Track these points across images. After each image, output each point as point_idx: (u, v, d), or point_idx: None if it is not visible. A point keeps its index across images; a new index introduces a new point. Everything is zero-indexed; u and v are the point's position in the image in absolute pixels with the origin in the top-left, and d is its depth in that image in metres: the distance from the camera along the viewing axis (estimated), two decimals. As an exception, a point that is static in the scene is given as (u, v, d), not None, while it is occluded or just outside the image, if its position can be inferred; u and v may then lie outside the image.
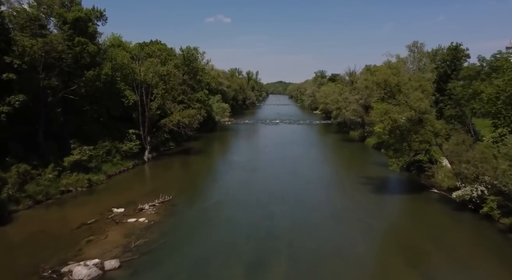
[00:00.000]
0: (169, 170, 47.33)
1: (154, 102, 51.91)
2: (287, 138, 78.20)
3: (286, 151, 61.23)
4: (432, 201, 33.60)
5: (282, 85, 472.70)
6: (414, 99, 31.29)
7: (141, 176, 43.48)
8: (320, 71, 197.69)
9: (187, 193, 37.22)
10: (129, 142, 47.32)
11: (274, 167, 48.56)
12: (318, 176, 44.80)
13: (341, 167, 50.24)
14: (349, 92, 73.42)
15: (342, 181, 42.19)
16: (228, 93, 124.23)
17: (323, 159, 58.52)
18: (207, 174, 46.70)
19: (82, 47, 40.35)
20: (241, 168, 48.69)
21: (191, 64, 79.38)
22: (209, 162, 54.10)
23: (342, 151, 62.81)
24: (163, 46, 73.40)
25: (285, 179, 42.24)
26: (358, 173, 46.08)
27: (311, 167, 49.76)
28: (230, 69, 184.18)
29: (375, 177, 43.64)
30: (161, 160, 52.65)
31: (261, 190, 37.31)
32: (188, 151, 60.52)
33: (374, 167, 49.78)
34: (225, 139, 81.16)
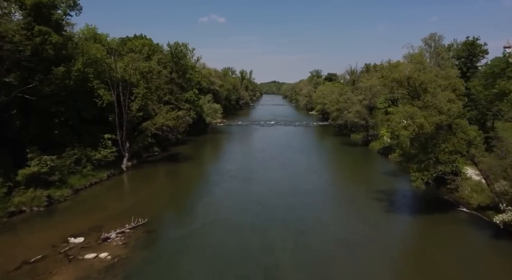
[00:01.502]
0: (150, 182, 41.04)
1: (134, 103, 45.57)
2: (283, 142, 72.23)
3: (283, 157, 55.26)
4: (463, 223, 27.82)
5: (276, 85, 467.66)
6: (443, 100, 25.48)
7: (116, 190, 37.14)
8: (315, 70, 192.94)
9: (167, 214, 31.03)
10: (104, 149, 40.93)
11: (271, 177, 42.53)
12: (321, 189, 38.87)
13: (346, 177, 44.44)
14: (351, 92, 67.68)
15: (350, 196, 36.31)
16: (220, 93, 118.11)
17: (325, 166, 52.65)
18: (194, 187, 40.49)
19: (44, 38, 33.96)
20: (234, 178, 42.59)
21: (179, 62, 73.12)
22: (198, 171, 47.88)
23: (345, 157, 57.07)
24: (148, 41, 67.02)
25: (285, 193, 36.22)
26: (367, 185, 40.28)
27: (313, 178, 43.82)
28: (223, 68, 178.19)
29: (387, 190, 37.86)
30: (142, 168, 46.31)
31: (257, 209, 31.23)
32: (175, 158, 54.23)
33: (383, 177, 44.04)
34: (216, 142, 74.93)
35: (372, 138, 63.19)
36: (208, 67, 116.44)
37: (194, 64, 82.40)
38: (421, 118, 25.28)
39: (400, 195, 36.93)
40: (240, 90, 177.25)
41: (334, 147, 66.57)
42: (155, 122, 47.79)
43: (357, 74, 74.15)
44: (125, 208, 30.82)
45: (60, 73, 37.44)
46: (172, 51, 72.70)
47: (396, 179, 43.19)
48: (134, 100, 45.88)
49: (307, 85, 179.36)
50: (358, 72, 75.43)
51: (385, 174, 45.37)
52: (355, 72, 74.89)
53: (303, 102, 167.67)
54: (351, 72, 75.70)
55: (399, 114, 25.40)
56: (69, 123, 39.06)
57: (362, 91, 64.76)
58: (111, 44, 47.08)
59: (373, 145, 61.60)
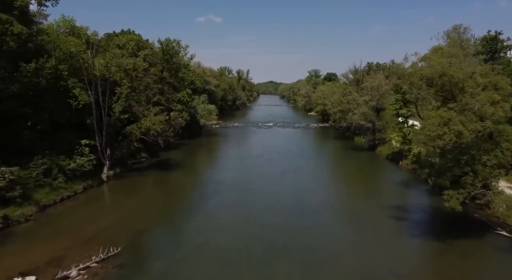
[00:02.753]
0: (134, 194, 35.88)
1: (117, 104, 40.41)
2: (283, 145, 67.22)
3: (284, 164, 50.27)
4: (506, 252, 22.97)
5: (273, 85, 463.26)
6: (485, 102, 20.59)
7: (91, 206, 31.94)
8: (314, 70, 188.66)
9: (148, 238, 25.89)
10: (80, 157, 35.76)
11: (271, 189, 37.53)
12: (329, 204, 33.91)
13: (355, 188, 39.52)
14: (356, 92, 62.82)
15: (363, 213, 31.35)
16: (216, 93, 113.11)
17: (330, 175, 47.67)
18: (184, 200, 35.36)
19: (4, 27, 28.79)
20: (229, 189, 37.58)
21: (171, 59, 67.82)
22: (190, 180, 42.74)
23: (351, 163, 52.17)
24: (137, 37, 61.81)
25: (287, 209, 31.24)
26: (380, 198, 35.44)
27: (318, 189, 38.86)
28: (219, 68, 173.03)
29: (405, 205, 33.05)
30: (126, 178, 41.14)
31: (256, 231, 26.18)
32: (165, 164, 49.08)
33: (397, 188, 39.21)
34: (211, 146, 69.80)
35: (380, 142, 58.39)
36: (203, 66, 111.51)
37: (187, 62, 77.14)
38: (459, 125, 20.35)
39: (420, 211, 32.03)
40: (236, 90, 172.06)
41: (338, 152, 61.64)
42: (140, 125, 42.67)
43: (362, 73, 69.23)
44: (98, 230, 25.70)
45: (31, 70, 32.36)
46: (163, 48, 67.41)
47: (412, 190, 38.37)
48: (117, 101, 40.76)
49: (305, 85, 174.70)
50: (362, 71, 70.45)
51: (398, 185, 40.53)
52: (359, 71, 70.04)
53: (302, 102, 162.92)
54: (355, 71, 70.84)
55: (433, 120, 20.48)
56: (37, 127, 33.86)
57: (368, 91, 59.95)
58: (91, 37, 41.81)
59: (380, 150, 56.78)
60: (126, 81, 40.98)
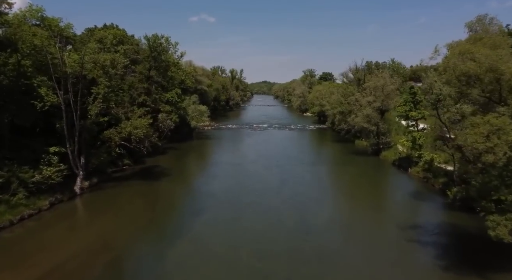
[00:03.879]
0: (109, 211, 30.93)
1: (93, 106, 35.48)
2: (280, 150, 62.69)
3: (281, 171, 45.68)
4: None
5: (267, 85, 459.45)
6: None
7: (55, 227, 26.91)
8: (309, 70, 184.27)
9: (118, 274, 21.06)
10: (47, 168, 30.76)
11: (268, 203, 32.88)
12: (337, 223, 29.34)
13: (363, 201, 35.00)
14: (358, 92, 58.48)
15: (377, 235, 26.80)
16: (209, 93, 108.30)
17: (334, 185, 43.09)
18: (168, 219, 30.40)
19: None
20: (220, 204, 32.84)
21: (159, 57, 62.76)
22: (176, 193, 37.85)
23: (355, 170, 47.67)
24: (121, 31, 56.70)
25: (288, 231, 26.60)
26: (393, 215, 31.04)
27: (321, 203, 34.33)
28: (212, 67, 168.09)
29: (424, 224, 28.69)
30: (104, 190, 36.18)
31: (251, 262, 21.50)
32: (150, 173, 44.17)
33: (411, 202, 34.84)
34: (202, 151, 64.91)
35: (384, 147, 54.09)
36: (195, 64, 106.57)
37: (177, 60, 72.18)
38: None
39: (445, 233, 27.44)
40: (230, 90, 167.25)
41: (339, 157, 57.18)
42: (120, 130, 37.75)
43: (364, 72, 64.89)
44: (57, 262, 20.82)
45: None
46: (150, 44, 62.34)
47: (428, 204, 33.97)
48: (93, 102, 35.83)
49: (300, 85, 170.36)
50: (364, 70, 66.14)
51: (411, 196, 36.17)
52: (360, 70, 65.72)
53: (297, 103, 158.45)
54: (355, 70, 66.54)
55: (480, 129, 15.99)
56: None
57: (371, 91, 55.64)
58: (65, 30, 36.73)
59: (385, 155, 52.46)
60: (103, 80, 36.03)
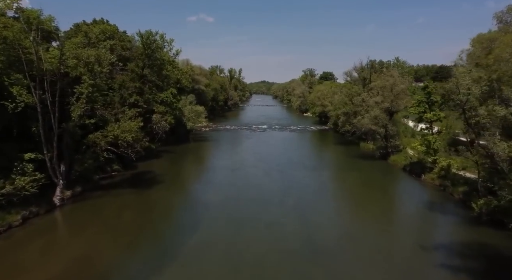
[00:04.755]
0: (92, 226, 27.27)
1: (76, 107, 31.91)
2: (281, 153, 59.19)
3: (284, 177, 42.19)
4: None
5: (266, 85, 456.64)
6: None
7: (28, 247, 23.31)
8: (309, 69, 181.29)
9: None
10: (21, 177, 27.17)
11: (270, 216, 29.33)
12: (348, 241, 25.79)
13: (376, 214, 31.38)
14: (364, 92, 55.02)
15: (398, 258, 23.30)
16: (206, 93, 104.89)
17: (342, 194, 39.32)
18: (158, 235, 26.65)
19: None
20: (217, 217, 29.34)
21: (153, 55, 59.20)
22: (168, 203, 34.16)
23: (363, 176, 44.08)
24: (112, 27, 53.08)
25: (293, 253, 23.09)
26: (411, 230, 27.59)
27: (330, 215, 30.84)
28: (210, 67, 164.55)
29: (450, 243, 25.23)
30: (88, 200, 32.59)
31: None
32: (141, 179, 40.61)
33: (429, 214, 31.39)
34: (199, 154, 61.32)
35: (393, 150, 50.63)
36: (192, 63, 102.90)
37: (172, 58, 68.63)
38: None
39: (475, 255, 23.86)
40: (228, 90, 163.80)
41: (345, 161, 53.63)
42: (106, 133, 34.18)
43: (370, 71, 61.36)
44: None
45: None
46: (143, 41, 58.74)
47: (450, 217, 30.46)
48: (76, 102, 32.26)
49: (300, 84, 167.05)
50: (370, 69, 62.61)
51: (429, 208, 32.72)
52: (366, 69, 62.21)
53: (297, 103, 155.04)
54: (361, 69, 63.04)
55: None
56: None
57: (378, 91, 52.22)
58: (45, 23, 33.09)
59: (394, 160, 48.99)
60: (87, 78, 32.42)
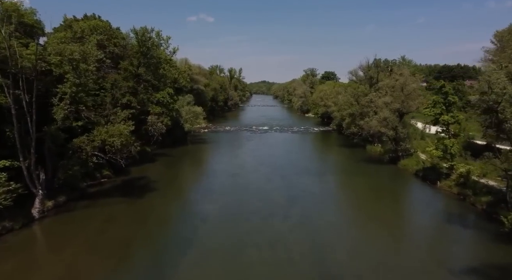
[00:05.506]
0: (72, 244, 24.04)
1: (58, 108, 28.80)
2: (283, 156, 56.03)
3: (287, 184, 39.03)
4: None
5: (266, 85, 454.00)
6: None
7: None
8: (310, 69, 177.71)
9: None
10: (-8, 188, 24.06)
11: (273, 233, 26.16)
12: (364, 264, 22.60)
13: (394, 228, 28.17)
14: (371, 92, 51.84)
15: None
16: (206, 93, 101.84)
17: (352, 204, 35.80)
18: (145, 258, 23.39)
19: None
20: (214, 234, 26.17)
21: (149, 53, 56.07)
22: (160, 216, 30.81)
23: (373, 183, 40.82)
24: (104, 23, 49.91)
25: (302, 278, 19.94)
26: (438, 250, 24.40)
27: (341, 231, 27.66)
28: (210, 66, 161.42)
29: (482, 265, 21.98)
30: (71, 212, 29.41)
31: None
32: (132, 187, 37.46)
33: (452, 228, 28.13)
34: (197, 158, 58.11)
35: (403, 154, 47.43)
36: (191, 63, 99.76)
37: (169, 56, 65.52)
38: None
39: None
40: (228, 90, 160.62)
41: (352, 165, 50.35)
42: (93, 138, 31.01)
43: (377, 69, 58.17)
44: None
45: None
46: (138, 38, 55.59)
47: (474, 233, 27.22)
48: (58, 103, 29.14)
49: (301, 84, 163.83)
50: (378, 68, 59.41)
51: (449, 220, 29.55)
52: (373, 68, 58.99)
53: (298, 103, 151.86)
54: (367, 68, 59.83)
55: None
56: None
57: (387, 91, 49.08)
58: (25, 16, 29.98)
59: (405, 164, 45.80)
60: (70, 76, 29.28)
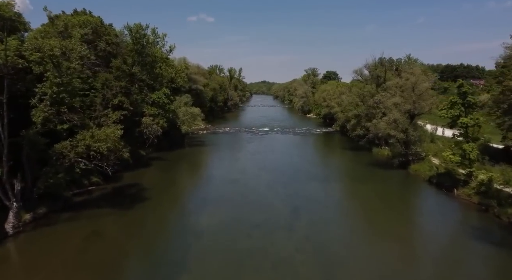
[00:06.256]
0: (46, 268, 21.03)
1: (37, 110, 25.79)
2: (285, 161, 52.99)
3: (291, 194, 35.98)
4: None
5: (266, 85, 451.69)
6: None
7: None
8: (311, 68, 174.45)
9: None
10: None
11: (278, 252, 23.11)
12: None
13: (412, 244, 25.19)
14: (378, 92, 48.80)
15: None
16: (205, 93, 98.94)
17: (363, 214, 32.63)
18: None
19: None
20: (210, 254, 23.13)
21: (143, 51, 53.09)
22: (150, 232, 27.67)
23: (384, 191, 37.66)
24: (95, 19, 46.76)
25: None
26: (469, 275, 21.28)
27: (352, 247, 24.56)
28: (210, 66, 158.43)
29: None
30: (51, 226, 26.27)
31: None
32: (123, 195, 34.43)
33: (481, 246, 24.95)
34: (194, 162, 55.00)
35: (414, 158, 44.38)
36: (189, 62, 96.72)
37: (166, 55, 62.57)
38: None
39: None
40: (228, 90, 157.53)
41: (359, 170, 47.20)
42: (76, 143, 27.94)
43: (385, 68, 55.14)
44: None
45: None
46: (132, 35, 52.60)
47: (504, 250, 24.11)
48: (37, 105, 26.12)
49: (302, 84, 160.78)
50: (385, 66, 56.35)
51: (474, 235, 26.35)
52: (380, 66, 55.92)
53: (299, 103, 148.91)
54: (374, 66, 56.77)
55: None
56: None
57: (395, 91, 46.08)
58: (2, 9, 26.92)
59: (416, 169, 42.73)
60: (50, 74, 26.24)
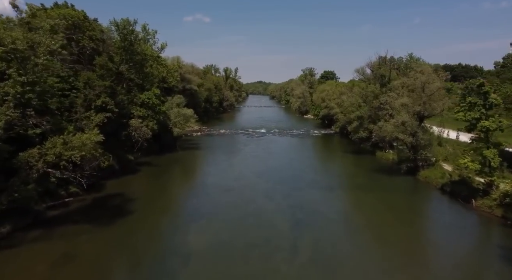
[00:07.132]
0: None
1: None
2: (284, 166, 49.47)
3: (293, 205, 32.47)
4: None
5: (262, 85, 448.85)
6: None
7: None
8: (308, 68, 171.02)
9: None
10: None
11: (276, 276, 19.65)
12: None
13: (430, 268, 21.95)
14: (383, 92, 45.44)
15: None
16: (200, 94, 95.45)
17: (373, 230, 29.17)
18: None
19: None
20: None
21: (131, 48, 49.32)
22: (132, 254, 24.08)
23: (394, 201, 34.25)
24: (77, 13, 43.00)
25: None
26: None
27: (365, 272, 21.14)
28: (205, 66, 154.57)
29: None
30: (14, 248, 22.53)
31: None
32: (104, 208, 30.71)
33: (507, 269, 21.62)
34: (186, 168, 51.33)
35: (424, 164, 41.05)
36: (183, 61, 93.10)
37: (157, 53, 58.88)
38: None
39: None
40: (224, 90, 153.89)
41: (364, 177, 43.64)
42: (46, 151, 24.21)
43: (390, 67, 51.78)
44: None
45: None
46: (120, 32, 48.79)
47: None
48: None
49: (300, 85, 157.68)
50: (391, 65, 53.02)
51: (498, 255, 23.10)
52: (385, 65, 52.58)
53: (296, 104, 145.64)
54: (378, 65, 53.42)
55: None
56: None
57: (402, 91, 42.79)
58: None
59: (427, 176, 39.39)
60: (13, 72, 22.52)
